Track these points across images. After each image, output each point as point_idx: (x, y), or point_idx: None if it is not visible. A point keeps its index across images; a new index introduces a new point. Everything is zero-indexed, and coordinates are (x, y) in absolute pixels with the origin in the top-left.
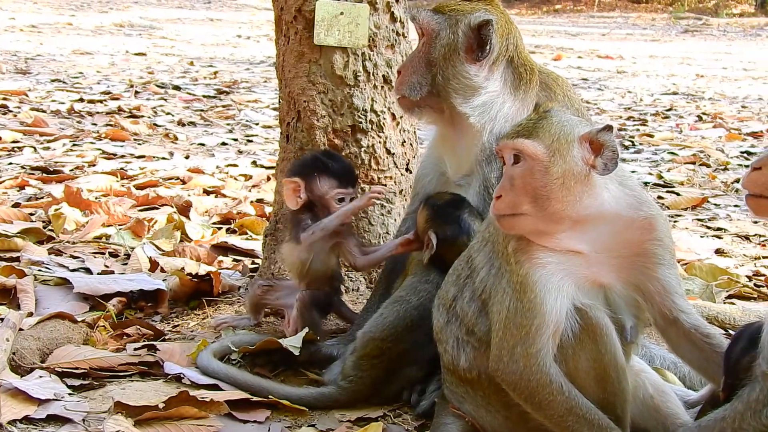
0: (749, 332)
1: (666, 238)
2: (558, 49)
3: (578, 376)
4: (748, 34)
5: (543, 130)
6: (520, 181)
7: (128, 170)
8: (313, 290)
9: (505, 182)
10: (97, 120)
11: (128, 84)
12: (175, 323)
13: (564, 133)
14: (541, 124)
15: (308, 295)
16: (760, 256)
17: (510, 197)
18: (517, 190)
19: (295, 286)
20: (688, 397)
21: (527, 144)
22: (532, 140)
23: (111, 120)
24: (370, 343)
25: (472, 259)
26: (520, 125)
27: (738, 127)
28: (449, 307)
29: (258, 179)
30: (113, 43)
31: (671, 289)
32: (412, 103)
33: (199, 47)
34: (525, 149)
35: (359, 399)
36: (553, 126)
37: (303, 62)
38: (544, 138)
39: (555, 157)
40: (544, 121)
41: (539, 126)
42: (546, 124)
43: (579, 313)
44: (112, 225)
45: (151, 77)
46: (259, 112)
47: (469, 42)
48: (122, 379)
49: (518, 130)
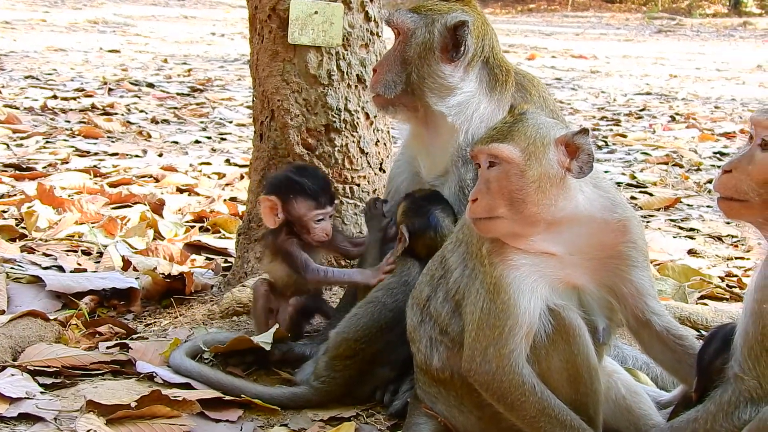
0: (722, 334)
1: (640, 240)
2: (532, 49)
3: (551, 376)
4: (722, 34)
5: (518, 134)
6: (495, 184)
7: (101, 168)
8: (305, 296)
9: (481, 185)
10: (70, 117)
11: (102, 81)
12: (148, 322)
13: (540, 136)
14: (517, 127)
15: (300, 301)
16: (732, 256)
17: (486, 200)
18: (493, 193)
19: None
20: (660, 398)
21: (502, 148)
22: (507, 144)
23: (84, 117)
24: (343, 343)
25: (446, 259)
26: (494, 129)
27: (711, 127)
28: (423, 307)
29: (231, 178)
30: (87, 40)
31: (644, 291)
32: (387, 101)
33: (173, 44)
34: (500, 153)
35: (332, 399)
36: (528, 129)
37: (277, 61)
38: (519, 141)
39: (531, 160)
40: (520, 124)
41: (514, 129)
42: (521, 127)
43: (552, 314)
44: (85, 223)
45: (124, 74)
46: (233, 111)
47: (445, 42)
48: (94, 378)
49: (493, 134)
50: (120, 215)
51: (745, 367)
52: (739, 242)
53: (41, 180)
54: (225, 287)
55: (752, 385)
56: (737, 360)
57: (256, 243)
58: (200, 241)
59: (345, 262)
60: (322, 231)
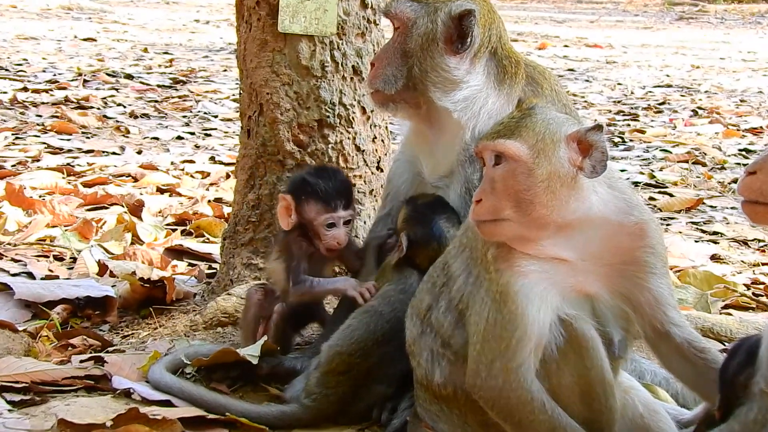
0: (747, 346)
1: (658, 245)
2: (543, 37)
3: (562, 392)
4: (748, 21)
5: (526, 129)
6: (501, 184)
7: (75, 166)
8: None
9: (486, 185)
10: (42, 111)
11: (76, 72)
12: (125, 333)
13: (549, 132)
14: (525, 122)
15: (287, 307)
16: (759, 262)
17: (491, 201)
18: (499, 193)
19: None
20: (681, 417)
21: (509, 144)
22: (514, 140)
23: (57, 111)
24: (336, 357)
25: (449, 266)
26: (501, 124)
27: (736, 122)
28: (424, 318)
29: (216, 177)
30: (60, 28)
31: (663, 300)
32: (387, 98)
33: (153, 33)
34: (507, 150)
35: (324, 418)
36: (537, 124)
37: (266, 51)
38: (527, 138)
39: (539, 158)
40: (528, 119)
41: (522, 124)
42: (530, 123)
43: (563, 324)
44: (57, 226)
45: (101, 65)
46: (218, 104)
47: (449, 32)
48: (67, 394)
49: (499, 130)
50: (95, 217)
51: None
52: (766, 247)
53: (10, 179)
54: (209, 296)
55: None
56: (763, 375)
57: (242, 248)
58: (182, 246)
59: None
60: (333, 239)
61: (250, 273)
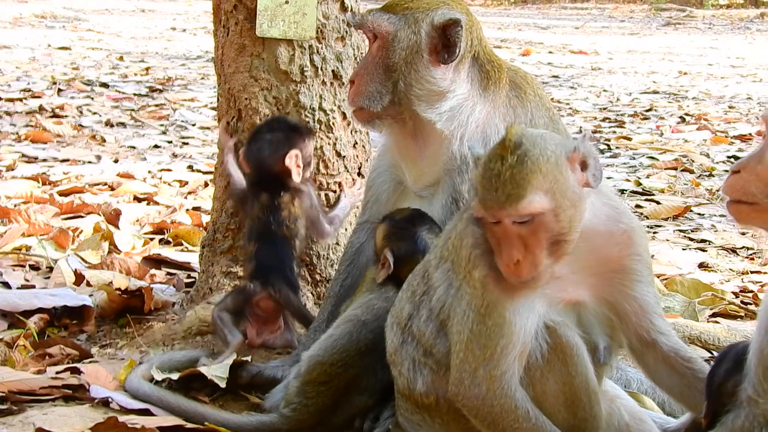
0: (734, 353)
1: (645, 252)
2: (527, 44)
3: (546, 400)
4: (737, 27)
5: (534, 175)
6: (533, 239)
7: (51, 175)
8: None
9: (516, 247)
10: (16, 120)
11: (51, 81)
12: (103, 343)
13: (553, 165)
14: (527, 167)
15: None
16: (747, 270)
17: (530, 259)
18: (534, 249)
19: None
20: (667, 425)
21: (532, 204)
22: (531, 195)
23: (31, 120)
24: (317, 367)
25: (429, 275)
26: (503, 180)
27: (724, 129)
28: (404, 327)
29: (194, 185)
30: (34, 36)
31: (649, 308)
32: (372, 115)
33: (129, 41)
34: (532, 210)
35: (303, 428)
36: (540, 162)
37: (244, 56)
38: (540, 185)
39: (560, 198)
40: (528, 161)
41: (526, 170)
42: (531, 165)
43: (548, 331)
44: (33, 235)
45: (76, 73)
46: (195, 112)
47: (433, 43)
48: (44, 404)
49: (509, 191)
50: (72, 227)
51: (759, 389)
52: (755, 254)
53: None
54: (188, 305)
55: (767, 409)
56: (750, 381)
57: (221, 256)
58: (160, 255)
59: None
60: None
61: (229, 281)
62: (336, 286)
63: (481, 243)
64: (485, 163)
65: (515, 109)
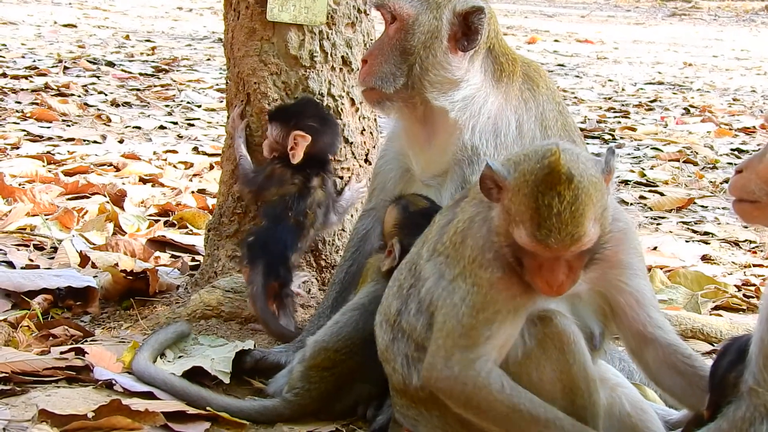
0: (737, 345)
1: (639, 247)
2: (532, 32)
3: (544, 388)
4: (742, 19)
5: (589, 208)
6: (578, 261)
7: (56, 154)
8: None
9: (562, 270)
10: (21, 98)
11: (56, 59)
12: (107, 325)
13: (601, 193)
14: (583, 201)
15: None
16: (750, 263)
17: (571, 278)
18: (576, 269)
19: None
20: (669, 417)
21: (590, 237)
22: (589, 229)
23: (37, 98)
24: (322, 353)
25: (418, 267)
26: (563, 218)
27: (729, 121)
28: (394, 323)
29: (200, 167)
30: (40, 13)
31: (646, 302)
32: (383, 96)
33: (135, 19)
34: (590, 242)
35: (305, 414)
36: (592, 194)
37: (254, 40)
38: (593, 215)
39: (604, 223)
40: (584, 196)
41: (584, 205)
42: (587, 199)
43: (545, 320)
44: (38, 214)
45: (81, 52)
46: (201, 93)
47: (453, 30)
48: (47, 385)
49: (572, 232)
50: (76, 207)
51: (760, 379)
52: (757, 248)
53: None
54: (192, 288)
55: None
56: (752, 372)
57: (227, 240)
58: (165, 237)
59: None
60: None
61: (234, 265)
62: (341, 272)
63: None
64: (535, 195)
65: (527, 102)
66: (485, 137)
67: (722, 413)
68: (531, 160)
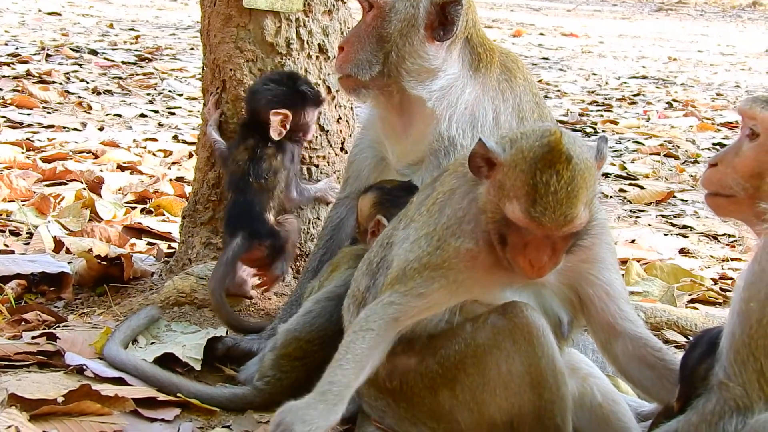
0: (708, 337)
1: (611, 241)
2: (518, 25)
3: (512, 381)
4: (728, 14)
5: (583, 191)
6: (563, 244)
7: (35, 141)
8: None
9: (546, 251)
10: (2, 84)
11: (39, 46)
12: (80, 310)
13: (594, 177)
14: (578, 183)
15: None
16: (728, 257)
17: (554, 260)
18: (559, 251)
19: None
20: (641, 409)
21: (582, 219)
22: (582, 211)
23: (18, 85)
24: (294, 342)
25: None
26: (560, 196)
27: (711, 116)
28: (360, 303)
29: (179, 155)
30: (24, 1)
31: (616, 294)
32: (358, 84)
33: (119, 8)
34: (581, 224)
35: (275, 402)
36: (586, 177)
37: (230, 26)
38: (585, 197)
39: (593, 207)
40: (579, 178)
41: (579, 186)
42: (582, 181)
43: (512, 312)
44: (14, 200)
45: (65, 39)
46: (183, 83)
47: (431, 19)
48: (18, 370)
49: (566, 212)
50: (53, 193)
51: (730, 373)
52: (736, 242)
53: None
54: (167, 275)
55: (738, 393)
56: (722, 365)
57: (202, 227)
58: (141, 224)
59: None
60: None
61: (209, 252)
62: (314, 260)
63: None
64: (533, 171)
65: (504, 93)
66: (462, 127)
67: (692, 406)
68: (530, 138)
